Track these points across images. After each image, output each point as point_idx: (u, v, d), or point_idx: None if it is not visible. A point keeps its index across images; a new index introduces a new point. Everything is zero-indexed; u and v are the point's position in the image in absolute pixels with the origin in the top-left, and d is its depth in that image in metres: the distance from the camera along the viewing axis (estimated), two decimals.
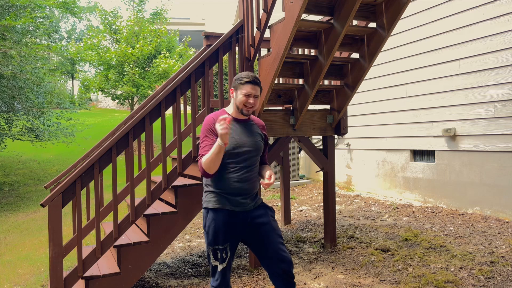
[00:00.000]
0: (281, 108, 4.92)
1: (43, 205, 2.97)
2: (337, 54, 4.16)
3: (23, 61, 9.25)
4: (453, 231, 4.81)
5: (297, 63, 3.93)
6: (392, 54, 6.82)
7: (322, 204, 4.60)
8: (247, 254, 4.41)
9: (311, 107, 4.63)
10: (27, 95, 9.67)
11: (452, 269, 3.61)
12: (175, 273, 4.04)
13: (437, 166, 6.14)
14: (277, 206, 6.82)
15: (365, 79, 4.23)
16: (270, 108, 4.30)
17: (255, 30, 3.66)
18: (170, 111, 3.92)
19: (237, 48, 3.89)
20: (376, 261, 3.92)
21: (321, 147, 4.68)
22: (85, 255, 3.16)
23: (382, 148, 7.26)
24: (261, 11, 3.53)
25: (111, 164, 3.27)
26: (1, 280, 4.20)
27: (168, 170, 3.54)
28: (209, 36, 4.47)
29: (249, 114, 2.39)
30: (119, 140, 3.27)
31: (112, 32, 14.89)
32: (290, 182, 7.65)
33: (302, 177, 9.40)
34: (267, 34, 3.66)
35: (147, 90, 13.89)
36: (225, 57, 5.38)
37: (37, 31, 11.15)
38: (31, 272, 4.39)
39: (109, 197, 3.78)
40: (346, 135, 7.16)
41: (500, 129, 5.18)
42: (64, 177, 4.06)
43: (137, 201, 3.42)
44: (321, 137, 8.25)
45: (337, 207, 6.48)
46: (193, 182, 3.79)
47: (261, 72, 3.73)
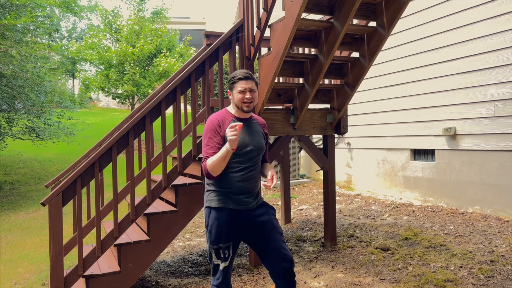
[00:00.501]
0: (281, 107, 4.92)
1: (43, 204, 2.98)
2: (337, 53, 4.16)
3: (23, 60, 9.26)
4: (453, 230, 4.81)
5: (297, 62, 3.93)
6: (392, 53, 6.82)
7: (322, 203, 4.60)
8: (247, 253, 4.42)
9: (311, 106, 4.63)
10: (27, 94, 9.68)
11: (452, 268, 3.61)
12: (176, 272, 4.05)
13: (437, 165, 6.14)
14: (278, 205, 6.83)
15: (365, 78, 4.23)
16: (270, 107, 4.30)
17: (255, 29, 3.66)
18: (171, 110, 3.92)
19: (237, 47, 3.89)
20: (376, 260, 3.93)
21: (321, 146, 4.68)
22: (85, 254, 3.16)
23: (382, 147, 7.26)
24: (261, 10, 3.53)
25: (112, 163, 3.27)
26: (1, 279, 4.21)
27: (169, 169, 3.54)
28: (209, 35, 4.46)
29: (250, 110, 2.39)
30: (119, 139, 3.28)
31: (113, 31, 14.89)
32: (291, 181, 7.63)
33: (302, 176, 9.40)
34: (267, 33, 3.66)
35: (147, 89, 13.89)
36: (226, 56, 5.37)
37: (38, 30, 11.17)
38: (31, 271, 4.40)
39: (109, 196, 3.79)
40: (346, 134, 7.16)
41: (500, 128, 5.18)
42: (64, 176, 4.07)
43: (138, 200, 3.43)
44: (321, 136, 8.23)
45: (337, 206, 6.48)
46: (193, 181, 3.79)
47: (261, 71, 3.74)
